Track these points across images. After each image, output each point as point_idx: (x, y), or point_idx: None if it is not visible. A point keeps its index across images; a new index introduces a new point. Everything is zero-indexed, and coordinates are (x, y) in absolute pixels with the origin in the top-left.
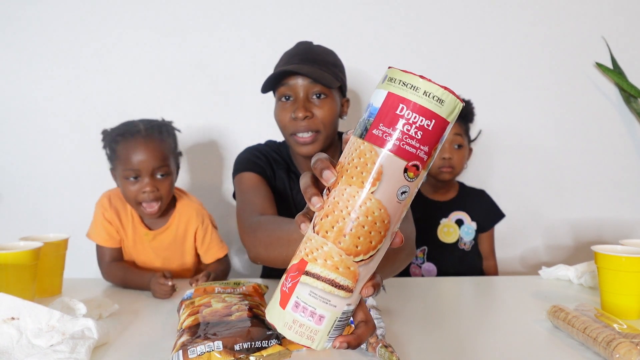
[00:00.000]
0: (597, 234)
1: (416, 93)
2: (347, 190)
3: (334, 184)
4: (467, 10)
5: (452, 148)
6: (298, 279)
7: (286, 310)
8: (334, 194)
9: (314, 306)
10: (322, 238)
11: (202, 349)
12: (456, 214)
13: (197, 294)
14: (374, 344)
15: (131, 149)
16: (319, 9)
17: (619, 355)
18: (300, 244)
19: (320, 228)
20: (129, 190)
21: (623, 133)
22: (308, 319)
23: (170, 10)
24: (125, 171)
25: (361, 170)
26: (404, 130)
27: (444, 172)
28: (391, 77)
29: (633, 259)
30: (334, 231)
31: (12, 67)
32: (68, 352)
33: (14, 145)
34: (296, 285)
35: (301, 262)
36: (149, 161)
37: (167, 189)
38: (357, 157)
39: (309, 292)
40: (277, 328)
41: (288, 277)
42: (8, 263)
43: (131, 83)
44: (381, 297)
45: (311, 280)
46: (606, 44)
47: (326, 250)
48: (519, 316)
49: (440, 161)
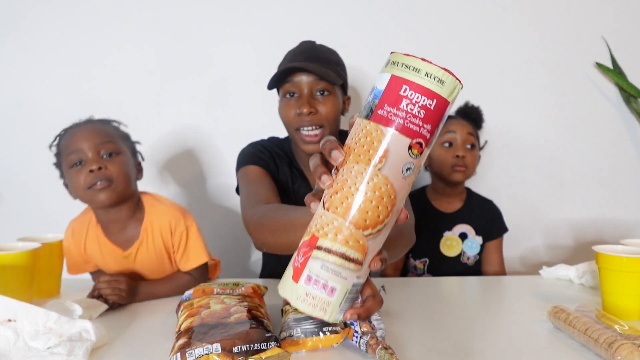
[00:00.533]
0: (598, 234)
1: (418, 75)
2: (355, 167)
3: (342, 162)
4: (467, 11)
5: (465, 147)
6: (310, 253)
7: (299, 284)
8: (343, 172)
9: (325, 279)
10: (332, 214)
11: (201, 351)
12: (460, 227)
13: (196, 295)
14: (373, 345)
15: (72, 135)
16: (320, 8)
17: (620, 357)
18: (311, 221)
19: (330, 205)
20: (77, 180)
21: (623, 133)
22: (320, 291)
23: (171, 10)
24: (68, 158)
25: (368, 149)
26: (407, 109)
27: (457, 172)
28: (394, 61)
29: (634, 259)
30: (343, 207)
31: (12, 67)
32: (66, 355)
33: (14, 145)
34: (308, 260)
35: (312, 238)
36: (90, 139)
37: (117, 169)
38: (363, 137)
39: (321, 266)
40: (290, 301)
41: (300, 252)
42: (6, 264)
43: (131, 83)
44: None
45: (323, 254)
46: (606, 44)
47: (336, 225)
48: (520, 316)
49: (453, 159)
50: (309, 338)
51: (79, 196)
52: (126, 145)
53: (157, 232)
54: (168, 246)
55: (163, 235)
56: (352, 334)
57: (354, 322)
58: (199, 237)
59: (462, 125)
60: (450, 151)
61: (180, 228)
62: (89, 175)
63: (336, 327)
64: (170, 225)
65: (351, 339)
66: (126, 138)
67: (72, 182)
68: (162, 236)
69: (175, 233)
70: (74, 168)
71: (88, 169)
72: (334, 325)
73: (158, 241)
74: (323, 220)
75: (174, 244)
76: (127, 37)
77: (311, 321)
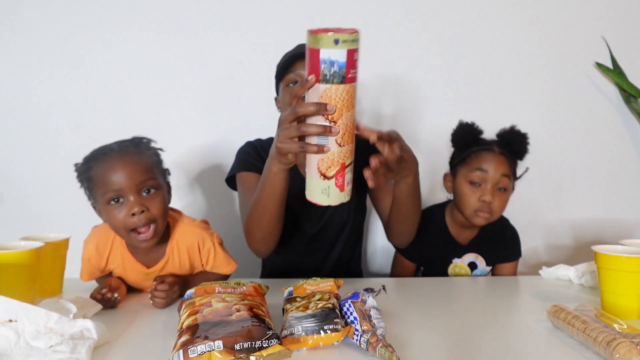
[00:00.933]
0: (598, 234)
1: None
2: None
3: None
4: (466, 11)
5: (495, 190)
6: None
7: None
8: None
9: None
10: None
11: (203, 348)
12: (470, 256)
13: (198, 293)
14: (374, 343)
15: (107, 168)
16: (320, 8)
17: (619, 355)
18: (320, 161)
19: (344, 142)
20: (115, 219)
21: (623, 133)
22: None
23: (171, 10)
24: (105, 195)
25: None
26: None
27: (480, 217)
28: (344, 39)
29: (633, 259)
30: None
31: (12, 67)
32: (68, 352)
33: (14, 145)
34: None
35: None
36: (130, 177)
37: (159, 207)
38: (346, 94)
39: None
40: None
41: (338, 175)
42: (9, 263)
43: (132, 83)
44: (381, 297)
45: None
46: (606, 43)
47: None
48: (519, 316)
49: (478, 203)
50: (309, 336)
51: (116, 232)
52: (161, 172)
53: (184, 251)
54: (193, 262)
55: (190, 253)
56: (353, 333)
57: (355, 320)
58: (224, 249)
59: (498, 164)
60: (477, 192)
61: (208, 245)
62: (131, 217)
63: (337, 326)
64: (198, 245)
65: (352, 337)
66: (160, 163)
67: (108, 217)
68: (188, 254)
69: (202, 250)
70: (112, 205)
71: (129, 211)
72: (334, 324)
73: (184, 259)
74: (344, 151)
75: (202, 259)
76: (128, 37)
77: (312, 319)
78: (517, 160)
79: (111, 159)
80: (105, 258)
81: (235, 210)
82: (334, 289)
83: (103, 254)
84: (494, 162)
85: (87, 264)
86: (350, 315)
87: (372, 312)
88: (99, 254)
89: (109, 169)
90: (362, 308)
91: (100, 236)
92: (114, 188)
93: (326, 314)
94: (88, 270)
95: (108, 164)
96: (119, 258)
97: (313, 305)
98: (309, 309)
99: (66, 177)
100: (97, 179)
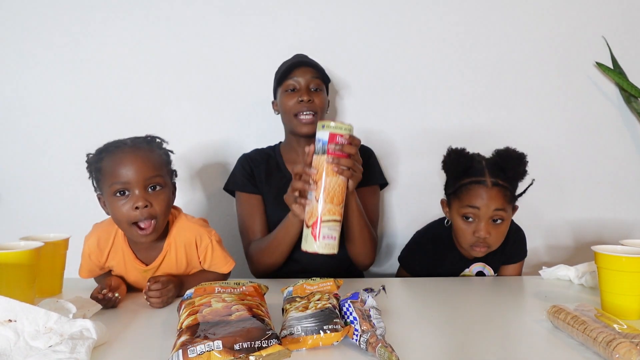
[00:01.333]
0: (598, 234)
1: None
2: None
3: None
4: (466, 11)
5: (490, 224)
6: (319, 224)
7: (318, 241)
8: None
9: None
10: (324, 203)
11: (202, 348)
12: (478, 266)
13: (197, 293)
14: (373, 343)
15: (117, 160)
16: (321, 8)
17: (618, 356)
18: (309, 209)
19: (321, 199)
20: (119, 211)
21: (623, 133)
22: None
23: (171, 11)
24: (112, 186)
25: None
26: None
27: (477, 251)
28: (326, 125)
29: (633, 259)
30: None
31: (12, 67)
32: (68, 352)
33: (14, 145)
34: (321, 227)
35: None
36: (139, 171)
37: (162, 205)
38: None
39: (328, 228)
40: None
41: (314, 226)
42: (8, 263)
43: (132, 83)
44: (381, 297)
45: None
46: (606, 43)
47: (329, 207)
48: (519, 316)
49: (474, 238)
50: (309, 336)
51: (118, 224)
52: (168, 172)
53: (181, 247)
54: (190, 259)
55: (187, 249)
56: (352, 333)
57: (354, 320)
58: (222, 247)
59: (490, 199)
60: (471, 227)
61: (205, 242)
62: (134, 210)
63: (336, 326)
64: (195, 241)
65: (351, 337)
66: (169, 163)
67: (112, 208)
68: (185, 250)
69: (200, 247)
70: (117, 197)
71: (133, 205)
72: (334, 324)
73: (181, 255)
74: (320, 206)
75: (199, 256)
76: (128, 37)
77: (312, 319)
78: (515, 184)
79: (123, 152)
80: (105, 254)
81: (233, 211)
82: (334, 289)
83: (104, 249)
84: (485, 197)
85: (87, 260)
86: (350, 315)
87: (372, 312)
88: (100, 250)
89: (120, 162)
90: (362, 308)
91: (102, 232)
92: (121, 180)
93: (326, 314)
94: (88, 266)
95: (119, 157)
96: (119, 254)
97: (313, 305)
98: (309, 309)
99: (66, 177)
100: (106, 170)
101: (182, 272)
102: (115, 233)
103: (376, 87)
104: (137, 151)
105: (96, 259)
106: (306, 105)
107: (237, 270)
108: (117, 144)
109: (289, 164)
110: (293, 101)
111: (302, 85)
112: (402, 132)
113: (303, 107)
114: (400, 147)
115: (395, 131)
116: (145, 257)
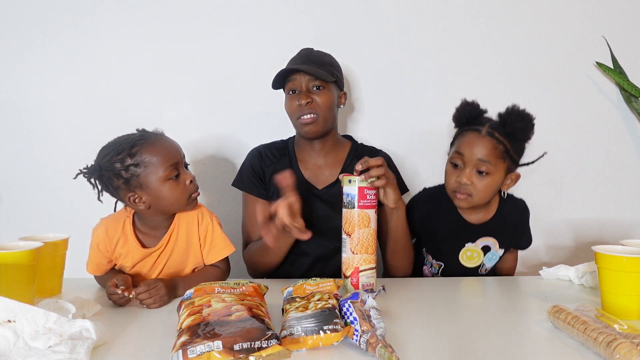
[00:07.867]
0: (598, 234)
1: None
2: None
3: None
4: (466, 10)
5: (472, 173)
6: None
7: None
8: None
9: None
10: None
11: (202, 348)
12: (484, 240)
13: (197, 294)
14: (373, 344)
15: (161, 146)
16: (320, 9)
17: (619, 356)
18: (343, 263)
19: (357, 251)
20: (175, 195)
21: (623, 133)
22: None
23: (172, 11)
24: (166, 171)
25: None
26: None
27: (458, 198)
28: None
29: (633, 259)
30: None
31: (12, 67)
32: (67, 353)
33: (14, 145)
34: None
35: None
36: (180, 153)
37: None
38: (357, 216)
39: (366, 277)
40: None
41: (353, 276)
42: (8, 263)
43: (132, 83)
44: (381, 297)
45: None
46: (606, 43)
47: (365, 257)
48: (519, 316)
49: (456, 184)
50: (309, 336)
51: (171, 206)
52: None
53: (184, 226)
54: (191, 239)
55: (189, 228)
56: (353, 333)
57: (354, 320)
58: (222, 231)
59: (478, 147)
60: (456, 173)
61: (206, 220)
62: (192, 185)
63: (336, 326)
64: (197, 218)
65: (351, 337)
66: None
67: (167, 193)
68: (187, 230)
69: (201, 225)
70: (171, 180)
71: (188, 180)
72: (334, 325)
73: (182, 235)
74: (357, 257)
75: (200, 237)
76: (128, 37)
77: (312, 320)
78: (517, 142)
79: (157, 138)
80: (114, 242)
81: (233, 211)
82: (334, 289)
83: (112, 237)
84: (474, 144)
85: (96, 251)
86: (350, 316)
87: (372, 312)
88: (109, 238)
89: (163, 147)
90: (362, 308)
91: (110, 221)
92: (176, 161)
93: (326, 314)
94: (95, 259)
95: (161, 143)
96: (125, 240)
97: (313, 305)
98: (309, 309)
99: (66, 177)
100: (151, 159)
101: (183, 255)
102: (123, 222)
103: (376, 87)
104: (164, 136)
105: (104, 248)
106: (306, 109)
107: (237, 270)
108: (145, 135)
109: (301, 163)
110: (294, 104)
111: (302, 86)
112: (402, 132)
113: (303, 109)
114: (400, 147)
115: (395, 131)
116: (148, 240)
